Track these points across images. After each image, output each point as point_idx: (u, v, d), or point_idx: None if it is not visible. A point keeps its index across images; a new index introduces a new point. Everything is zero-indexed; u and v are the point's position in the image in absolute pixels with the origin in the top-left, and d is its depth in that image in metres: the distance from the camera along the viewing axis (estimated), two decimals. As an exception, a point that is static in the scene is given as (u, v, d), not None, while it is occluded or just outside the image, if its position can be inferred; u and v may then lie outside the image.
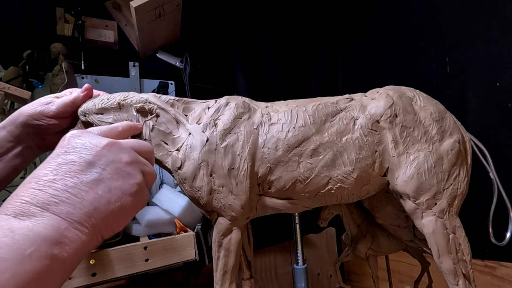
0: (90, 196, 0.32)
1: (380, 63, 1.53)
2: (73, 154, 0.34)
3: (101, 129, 0.41)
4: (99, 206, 0.32)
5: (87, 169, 0.33)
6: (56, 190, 0.30)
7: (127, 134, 0.45)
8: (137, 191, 0.36)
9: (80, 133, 0.37)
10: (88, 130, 0.39)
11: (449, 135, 0.71)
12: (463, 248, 0.67)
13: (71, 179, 0.32)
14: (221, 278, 0.65)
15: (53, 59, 1.08)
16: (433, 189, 0.67)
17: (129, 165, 0.36)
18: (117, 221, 0.34)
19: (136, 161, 0.37)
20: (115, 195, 0.33)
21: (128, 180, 0.35)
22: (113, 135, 0.41)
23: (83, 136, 0.36)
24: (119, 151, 0.36)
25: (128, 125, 0.46)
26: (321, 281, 1.66)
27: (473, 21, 1.15)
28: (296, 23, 1.70)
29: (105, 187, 0.33)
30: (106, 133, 0.40)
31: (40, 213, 0.29)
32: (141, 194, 0.36)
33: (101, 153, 0.35)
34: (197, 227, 1.08)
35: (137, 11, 1.07)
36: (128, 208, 0.35)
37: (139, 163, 0.38)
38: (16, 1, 1.12)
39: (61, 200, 0.30)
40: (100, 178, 0.33)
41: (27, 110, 0.58)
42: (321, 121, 0.69)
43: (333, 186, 0.68)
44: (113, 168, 0.35)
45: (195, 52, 1.38)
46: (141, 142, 0.41)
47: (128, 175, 0.36)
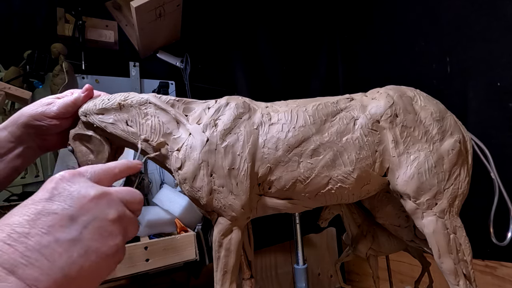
0: (63, 260, 0.29)
1: (381, 62, 1.53)
2: (56, 204, 0.31)
3: (95, 171, 0.37)
4: (69, 272, 0.29)
5: (66, 224, 0.30)
6: (28, 250, 0.28)
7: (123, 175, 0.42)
8: (114, 253, 0.33)
9: (71, 176, 0.34)
10: (81, 172, 0.36)
11: (449, 135, 0.71)
12: (464, 248, 0.67)
13: (46, 236, 0.29)
14: (221, 278, 0.65)
15: (54, 59, 1.08)
16: (434, 189, 0.67)
17: (113, 223, 0.34)
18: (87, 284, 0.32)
19: (122, 217, 0.35)
20: (89, 260, 0.31)
21: (107, 241, 0.33)
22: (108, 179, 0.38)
23: (72, 182, 0.33)
24: (106, 206, 0.34)
25: (126, 165, 0.43)
26: (321, 281, 1.66)
27: (474, 21, 1.15)
28: (296, 23, 1.70)
29: (81, 249, 0.30)
30: (100, 177, 0.37)
31: (5, 277, 0.26)
32: (116, 256, 0.34)
33: (86, 206, 0.32)
34: (197, 227, 1.08)
35: (137, 11, 1.07)
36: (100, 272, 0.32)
37: (125, 218, 0.35)
38: (16, 1, 1.13)
39: (31, 262, 0.28)
40: (78, 238, 0.31)
41: (28, 111, 0.58)
42: (321, 121, 0.69)
43: (333, 186, 0.68)
44: (96, 227, 0.32)
45: (196, 52, 1.38)
46: (131, 193, 0.38)
47: (110, 235, 0.33)
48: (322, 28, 1.75)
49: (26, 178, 1.07)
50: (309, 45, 1.72)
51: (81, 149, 0.64)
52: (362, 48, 1.63)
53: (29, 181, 1.08)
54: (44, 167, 1.11)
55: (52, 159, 1.12)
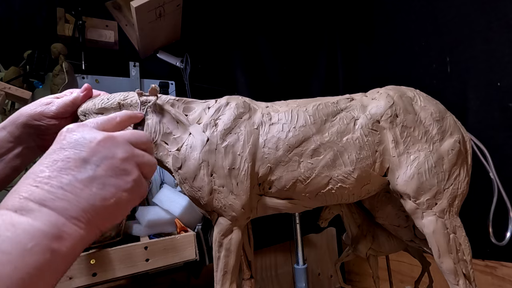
0: (85, 193, 0.32)
1: (381, 63, 1.53)
2: (68, 150, 0.34)
3: (98, 121, 0.40)
4: (94, 202, 0.32)
5: (81, 166, 0.33)
6: (52, 187, 0.31)
7: (126, 124, 0.44)
8: (133, 187, 0.36)
9: (76, 127, 0.36)
10: (85, 123, 0.38)
11: (449, 135, 0.71)
12: (464, 248, 0.67)
13: (66, 176, 0.32)
14: (221, 278, 0.65)
15: (54, 59, 1.08)
16: (434, 189, 0.67)
17: (124, 161, 0.36)
18: (113, 215, 0.34)
19: (131, 156, 0.37)
20: (109, 192, 0.33)
21: (122, 177, 0.35)
22: (110, 127, 0.41)
23: (78, 130, 0.36)
24: (113, 146, 0.36)
25: (127, 114, 0.45)
26: (321, 281, 1.66)
27: (474, 20, 1.15)
28: (296, 23, 1.70)
29: (99, 185, 0.33)
30: (103, 125, 0.40)
31: (38, 209, 0.29)
32: (137, 189, 0.36)
33: (95, 149, 0.34)
34: (197, 227, 1.08)
35: (137, 11, 1.07)
36: (124, 203, 0.35)
37: (135, 156, 0.37)
38: (16, 1, 1.13)
39: (57, 196, 0.31)
40: (94, 175, 0.33)
41: (27, 110, 0.58)
42: (322, 121, 0.69)
43: (333, 186, 0.68)
44: (107, 165, 0.34)
45: (196, 52, 1.38)
46: (137, 134, 0.40)
47: (123, 172, 0.35)
48: (322, 28, 1.74)
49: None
50: (309, 45, 1.72)
51: (81, 149, 0.64)
52: (362, 48, 1.63)
53: (29, 181, 1.08)
54: (44, 167, 1.11)
55: (52, 159, 1.12)
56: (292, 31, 1.68)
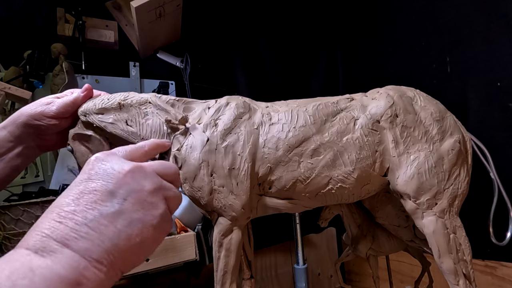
0: (110, 231, 0.31)
1: (381, 62, 1.53)
2: (95, 182, 0.33)
3: (126, 150, 0.39)
4: (118, 242, 0.31)
5: (107, 199, 0.32)
6: (76, 224, 0.30)
7: (153, 153, 0.44)
8: (159, 223, 0.34)
9: (104, 156, 0.36)
10: (113, 152, 0.38)
11: (449, 135, 0.71)
12: (464, 248, 0.67)
13: (91, 211, 0.31)
14: (221, 278, 0.65)
15: (54, 59, 1.08)
16: (434, 189, 0.67)
17: (151, 194, 0.35)
18: (137, 255, 0.33)
19: (159, 188, 0.36)
20: (135, 229, 0.32)
21: (150, 211, 0.34)
22: (139, 156, 0.40)
23: (106, 160, 0.35)
24: (142, 178, 0.35)
25: (155, 143, 0.44)
26: (321, 281, 1.66)
27: (474, 20, 1.15)
28: (296, 23, 1.70)
29: (125, 220, 0.32)
30: (132, 155, 0.39)
31: (60, 250, 0.28)
32: (163, 225, 0.35)
33: (123, 181, 0.33)
34: (197, 227, 1.08)
35: (137, 11, 1.07)
36: (149, 241, 0.33)
37: (163, 189, 0.36)
38: (16, 1, 1.13)
39: (81, 235, 0.29)
40: (120, 210, 0.32)
41: (27, 110, 0.58)
42: (322, 121, 0.69)
43: (333, 186, 0.68)
44: (135, 198, 0.33)
45: (196, 52, 1.38)
46: (165, 165, 0.39)
47: (151, 205, 0.34)
48: (322, 28, 1.74)
49: (26, 178, 1.07)
50: (309, 45, 1.72)
51: (80, 149, 0.64)
52: (362, 48, 1.63)
53: (29, 181, 1.08)
54: (44, 167, 1.11)
55: (52, 159, 1.12)
56: (292, 31, 1.68)
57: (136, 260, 0.33)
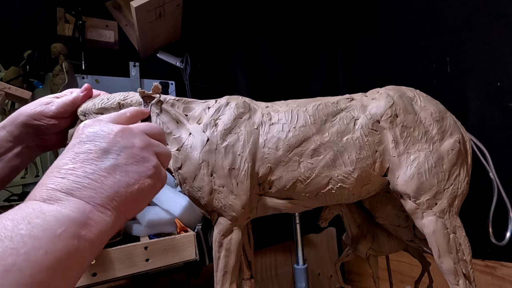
0: (109, 181, 0.33)
1: (381, 63, 1.53)
2: (88, 143, 0.35)
3: (111, 116, 0.42)
4: (118, 189, 0.33)
5: (103, 156, 0.34)
6: (77, 177, 0.32)
7: (135, 119, 0.47)
8: (154, 173, 0.37)
9: (92, 122, 0.38)
10: (99, 118, 0.40)
11: (449, 135, 0.71)
12: (464, 248, 0.67)
13: (89, 166, 0.33)
14: (221, 278, 0.65)
15: (54, 59, 1.08)
16: (434, 189, 0.67)
17: (142, 150, 0.37)
18: (137, 202, 0.36)
19: (148, 145, 0.39)
20: (132, 178, 0.35)
21: (143, 164, 0.37)
22: (123, 121, 0.43)
23: (94, 124, 0.37)
24: (131, 136, 0.37)
25: (135, 110, 0.47)
26: (321, 281, 1.66)
27: (474, 20, 1.15)
28: (296, 23, 1.70)
29: (122, 171, 0.34)
30: (116, 120, 0.42)
31: (66, 198, 0.30)
32: (158, 176, 0.38)
33: (114, 139, 0.36)
34: (197, 227, 1.08)
35: (137, 11, 1.07)
36: (147, 189, 0.36)
37: (152, 145, 0.39)
38: (16, 1, 1.12)
39: (83, 185, 0.32)
40: (116, 163, 0.34)
41: (26, 110, 0.58)
42: (322, 121, 0.69)
43: (333, 186, 0.68)
44: (128, 154, 0.36)
45: (196, 52, 1.38)
46: (151, 125, 0.42)
47: (143, 159, 0.37)
48: (322, 28, 1.74)
49: (26, 178, 1.07)
50: (309, 45, 1.72)
51: (81, 149, 0.64)
52: (362, 48, 1.63)
53: (29, 181, 1.08)
54: (44, 167, 1.11)
55: (52, 159, 1.12)
56: (292, 31, 1.68)
57: (137, 206, 0.36)
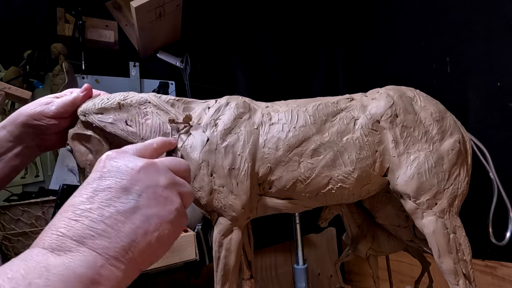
0: (127, 227, 0.30)
1: (381, 62, 1.53)
2: (108, 180, 0.32)
3: (136, 148, 0.39)
4: (136, 238, 0.30)
5: (123, 195, 0.32)
6: (93, 221, 0.29)
7: (162, 151, 0.44)
8: (175, 218, 0.34)
9: (116, 154, 0.35)
10: (123, 149, 0.37)
11: (449, 135, 0.71)
12: (464, 248, 0.67)
13: (107, 208, 0.30)
14: (221, 278, 0.65)
15: (54, 59, 1.08)
16: (434, 189, 0.67)
17: (166, 189, 0.34)
18: (155, 252, 0.32)
19: (173, 183, 0.36)
20: (153, 224, 0.32)
21: (165, 206, 0.34)
22: (149, 153, 0.40)
23: (118, 158, 0.35)
24: (155, 173, 0.35)
25: (163, 141, 0.44)
26: (321, 281, 1.66)
27: (474, 20, 1.15)
28: (296, 22, 1.70)
29: (142, 216, 0.31)
30: (142, 152, 0.39)
31: (76, 248, 0.28)
32: (179, 220, 0.35)
33: (137, 177, 0.33)
34: (197, 227, 1.08)
35: (137, 11, 1.07)
36: (167, 237, 0.33)
37: (176, 184, 0.36)
38: (16, 1, 1.13)
39: (97, 233, 0.29)
40: (136, 205, 0.32)
41: (26, 110, 0.58)
42: (322, 121, 0.69)
43: (333, 186, 0.68)
44: (150, 194, 0.33)
45: (196, 52, 1.38)
46: (177, 161, 0.39)
47: (166, 200, 0.34)
48: (322, 28, 1.74)
49: (26, 178, 1.07)
50: (309, 45, 1.72)
51: (80, 148, 0.64)
52: (362, 48, 1.63)
53: (29, 181, 1.08)
54: (44, 167, 1.11)
55: (52, 159, 1.12)
56: (292, 31, 1.68)
57: (154, 256, 0.33)
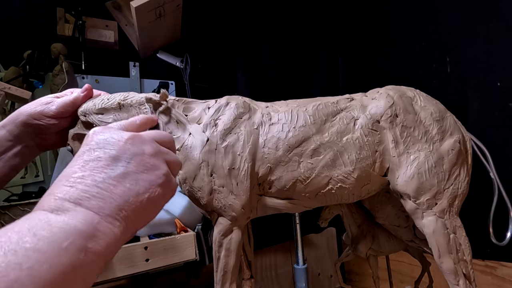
0: (119, 190, 0.32)
1: (381, 62, 1.53)
2: (97, 151, 0.34)
3: (121, 124, 0.41)
4: (128, 198, 0.33)
5: (112, 163, 0.34)
6: (87, 186, 0.31)
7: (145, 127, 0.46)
8: (164, 182, 0.36)
9: (102, 129, 0.37)
10: (109, 126, 0.40)
11: (449, 135, 0.71)
12: (464, 248, 0.67)
13: (99, 174, 0.32)
14: (221, 278, 0.65)
15: (54, 59, 1.08)
16: (434, 189, 0.67)
17: (152, 157, 0.37)
18: (148, 211, 0.35)
19: (159, 152, 0.38)
20: (143, 187, 0.34)
21: (154, 172, 0.36)
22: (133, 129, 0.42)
23: (104, 132, 0.37)
24: (141, 143, 0.37)
25: (145, 117, 0.47)
26: (321, 281, 1.66)
27: (474, 20, 1.15)
28: (296, 23, 1.70)
29: (132, 180, 0.34)
30: (126, 127, 0.41)
31: (74, 208, 0.30)
32: (168, 184, 0.37)
33: (124, 147, 0.35)
34: (197, 227, 1.08)
35: (137, 11, 1.07)
36: (157, 198, 0.35)
37: (162, 153, 0.39)
38: (16, 1, 1.12)
39: (92, 195, 0.31)
40: (126, 171, 0.34)
41: (27, 109, 0.58)
42: (322, 121, 0.69)
43: (333, 186, 0.68)
44: (138, 161, 0.35)
45: (196, 52, 1.38)
46: (161, 133, 0.42)
47: (153, 167, 0.36)
48: (322, 28, 1.74)
49: (26, 178, 1.07)
50: (309, 45, 1.72)
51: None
52: (362, 48, 1.63)
53: (29, 181, 1.08)
54: (44, 166, 1.11)
55: (52, 159, 1.12)
56: (292, 31, 1.68)
57: (147, 216, 0.35)
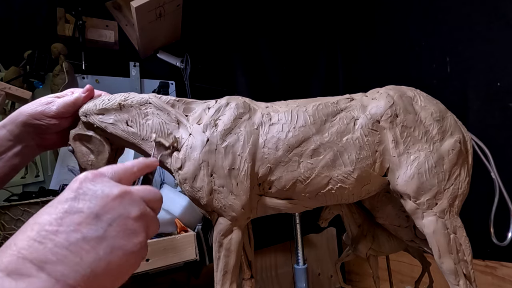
0: (90, 257, 0.30)
1: (381, 62, 1.53)
2: (81, 203, 0.32)
3: (116, 171, 0.38)
4: (96, 268, 0.30)
5: (92, 222, 0.32)
6: (56, 246, 0.29)
7: (142, 173, 0.44)
8: (138, 251, 0.34)
9: (93, 176, 0.35)
10: (102, 172, 0.37)
11: (450, 135, 0.71)
12: (464, 248, 0.67)
13: (74, 233, 0.30)
14: (221, 278, 0.65)
15: (54, 59, 1.08)
16: (434, 189, 0.67)
17: (136, 221, 0.35)
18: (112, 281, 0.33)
19: (144, 215, 0.36)
20: (116, 256, 0.32)
21: (131, 239, 0.34)
22: (127, 177, 0.40)
23: (95, 181, 0.34)
24: (128, 204, 0.35)
25: (144, 164, 0.44)
26: (321, 281, 1.66)
27: (474, 20, 1.15)
28: (296, 23, 1.70)
29: (107, 247, 0.31)
30: (120, 176, 0.38)
31: (36, 273, 0.27)
32: (140, 254, 0.35)
33: (110, 205, 0.33)
34: (197, 227, 1.08)
35: (137, 11, 1.07)
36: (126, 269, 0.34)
37: (147, 216, 0.37)
38: (16, 1, 1.13)
39: (59, 259, 0.29)
40: (104, 235, 0.32)
41: (27, 109, 0.58)
42: (322, 121, 0.69)
43: (333, 186, 0.68)
44: (120, 225, 0.33)
45: (196, 52, 1.38)
46: (152, 191, 0.39)
47: (133, 233, 0.34)
48: (322, 29, 1.74)
49: (26, 178, 1.07)
50: (309, 45, 1.72)
51: (81, 149, 0.64)
52: (362, 48, 1.63)
53: (29, 181, 1.08)
54: (44, 167, 1.11)
55: (52, 159, 1.12)
56: (293, 31, 1.68)
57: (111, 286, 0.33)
